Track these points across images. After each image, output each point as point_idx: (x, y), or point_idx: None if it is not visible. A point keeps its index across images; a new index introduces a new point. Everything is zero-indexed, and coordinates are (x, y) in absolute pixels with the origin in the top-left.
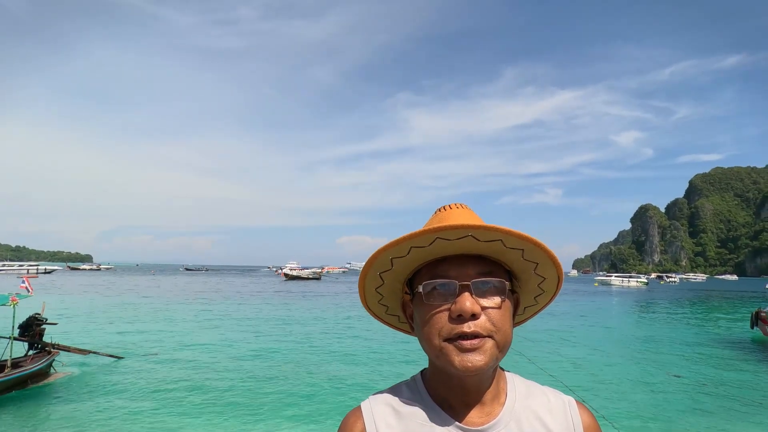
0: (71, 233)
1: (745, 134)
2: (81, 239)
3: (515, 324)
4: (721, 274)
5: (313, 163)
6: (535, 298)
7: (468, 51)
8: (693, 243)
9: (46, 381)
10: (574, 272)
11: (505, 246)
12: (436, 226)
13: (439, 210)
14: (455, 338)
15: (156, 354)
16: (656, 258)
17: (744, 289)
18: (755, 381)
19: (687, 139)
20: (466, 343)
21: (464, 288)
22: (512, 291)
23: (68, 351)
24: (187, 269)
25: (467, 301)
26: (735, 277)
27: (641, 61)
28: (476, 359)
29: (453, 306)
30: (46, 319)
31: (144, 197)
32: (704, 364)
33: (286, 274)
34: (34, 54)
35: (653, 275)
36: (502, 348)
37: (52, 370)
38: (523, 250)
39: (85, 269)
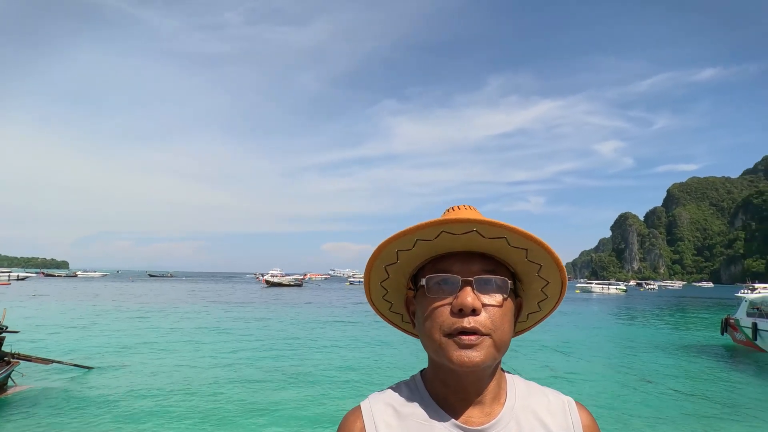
0: (47, 239)
1: (720, 145)
2: (57, 245)
3: (520, 331)
4: (698, 282)
5: (298, 170)
6: (538, 303)
7: (452, 60)
8: (671, 251)
9: (5, 394)
10: None
11: (509, 244)
12: (441, 219)
13: (448, 210)
14: (455, 333)
15: (125, 365)
16: (635, 265)
17: (718, 296)
18: (723, 386)
19: (665, 149)
20: (465, 339)
21: (466, 283)
22: (515, 294)
23: (29, 361)
24: (150, 275)
25: (468, 296)
26: (710, 285)
27: (621, 72)
28: (473, 355)
29: (454, 300)
30: (6, 327)
31: (125, 203)
32: (675, 369)
33: (267, 281)
34: (10, 54)
35: (633, 282)
36: (500, 347)
37: (11, 382)
38: (527, 249)
39: (61, 276)
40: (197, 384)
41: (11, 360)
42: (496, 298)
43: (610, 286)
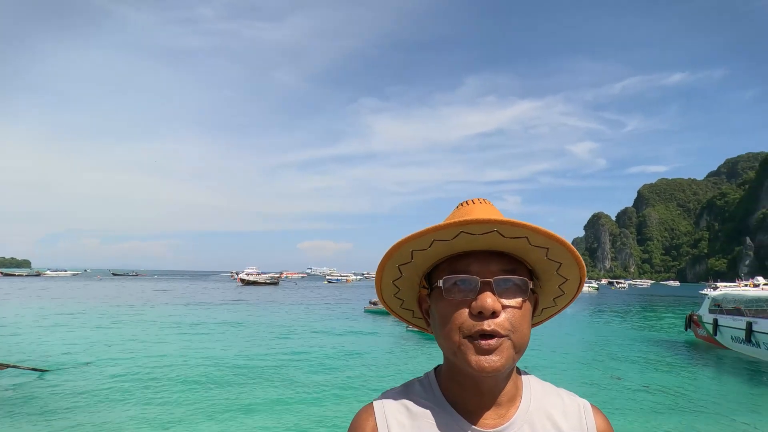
0: (7, 237)
1: (687, 148)
2: (19, 243)
3: (534, 325)
4: (665, 281)
5: (276, 167)
6: (554, 299)
7: (432, 59)
8: (641, 250)
9: None
10: None
11: (530, 244)
12: (461, 219)
13: (462, 204)
14: (475, 336)
15: (85, 366)
16: (607, 264)
17: (683, 294)
18: (685, 380)
19: (636, 150)
20: (484, 344)
21: (486, 285)
22: (532, 291)
23: None
24: (114, 274)
25: (488, 298)
26: (677, 283)
27: (596, 74)
28: (493, 360)
29: (474, 303)
30: None
31: (94, 200)
32: (642, 365)
33: (242, 279)
34: None
35: (604, 281)
36: (519, 349)
37: None
38: (548, 249)
39: (21, 275)
40: (158, 385)
41: None
42: (515, 300)
43: None
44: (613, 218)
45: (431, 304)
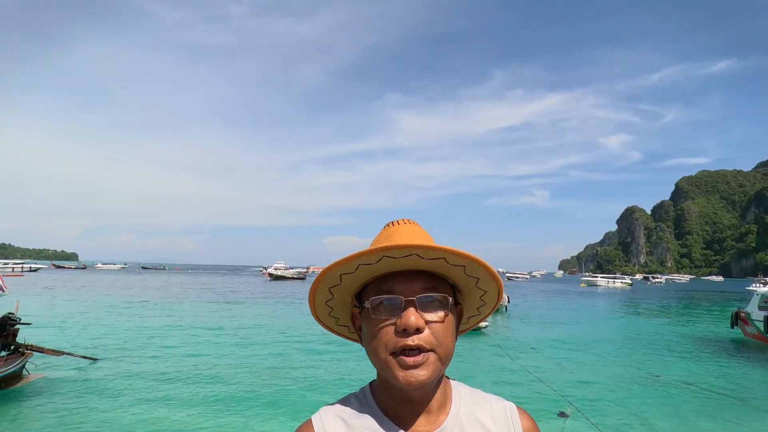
0: (54, 231)
1: (732, 138)
2: (64, 237)
3: (460, 332)
4: (707, 275)
5: (301, 163)
6: (477, 308)
7: (457, 53)
8: (678, 245)
9: (19, 383)
10: (560, 273)
11: (447, 263)
12: (383, 245)
13: (388, 225)
14: (400, 352)
15: (131, 355)
16: (642, 259)
17: (727, 290)
18: (734, 380)
19: (674, 142)
20: (410, 360)
21: (409, 303)
22: (456, 303)
23: (42, 352)
24: (143, 268)
25: (412, 316)
26: (720, 278)
27: (630, 65)
28: (419, 374)
29: (398, 321)
30: (20, 319)
31: (128, 196)
32: (684, 363)
33: (270, 274)
34: (18, 48)
35: (639, 276)
36: (444, 360)
37: (25, 372)
38: (464, 266)
39: (71, 268)
40: (197, 375)
41: (25, 351)
42: (438, 315)
43: (615, 280)
44: (648, 212)
45: (362, 322)
